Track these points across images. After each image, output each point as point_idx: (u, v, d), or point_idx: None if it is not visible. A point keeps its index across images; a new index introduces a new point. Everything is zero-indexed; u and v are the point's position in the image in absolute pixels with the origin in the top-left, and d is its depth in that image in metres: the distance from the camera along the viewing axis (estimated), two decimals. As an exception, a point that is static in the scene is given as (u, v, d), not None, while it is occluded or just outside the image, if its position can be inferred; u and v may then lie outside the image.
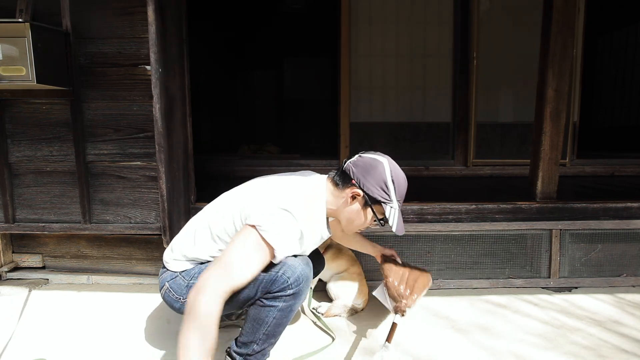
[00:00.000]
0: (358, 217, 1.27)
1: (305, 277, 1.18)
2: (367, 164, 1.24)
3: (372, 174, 1.22)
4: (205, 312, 0.98)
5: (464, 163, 3.47)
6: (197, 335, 0.97)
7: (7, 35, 1.67)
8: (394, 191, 1.23)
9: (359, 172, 1.23)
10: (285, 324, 1.22)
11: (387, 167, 1.23)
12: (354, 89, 3.46)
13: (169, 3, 1.86)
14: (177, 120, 1.96)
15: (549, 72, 2.03)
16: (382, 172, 1.22)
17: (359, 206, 1.25)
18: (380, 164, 1.24)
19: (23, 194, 2.02)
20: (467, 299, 1.95)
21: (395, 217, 1.23)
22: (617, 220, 2.07)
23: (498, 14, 3.40)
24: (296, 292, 1.17)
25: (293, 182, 1.27)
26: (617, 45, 5.18)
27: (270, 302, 1.17)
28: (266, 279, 1.15)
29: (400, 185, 1.25)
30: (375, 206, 1.24)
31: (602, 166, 3.56)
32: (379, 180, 1.22)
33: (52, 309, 1.84)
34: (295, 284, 1.16)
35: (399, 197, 1.25)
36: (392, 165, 1.25)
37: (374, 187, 1.22)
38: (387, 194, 1.22)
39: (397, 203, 1.24)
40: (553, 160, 2.10)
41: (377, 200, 1.23)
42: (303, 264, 1.20)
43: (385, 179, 1.22)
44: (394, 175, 1.23)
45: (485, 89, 3.43)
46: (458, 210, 2.07)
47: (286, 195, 1.18)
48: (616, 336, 1.59)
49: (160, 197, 1.85)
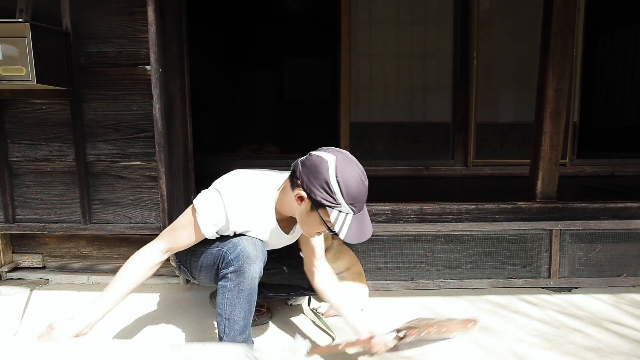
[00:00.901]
0: (308, 220, 1.17)
1: (245, 255, 1.22)
2: (312, 162, 1.12)
3: (315, 174, 1.10)
4: (144, 254, 1.26)
5: (464, 163, 3.47)
6: (131, 268, 1.25)
7: (7, 35, 1.67)
8: (339, 193, 1.08)
9: (304, 172, 1.13)
10: (241, 308, 1.24)
11: (331, 165, 1.09)
12: (354, 89, 3.46)
13: (169, 3, 1.86)
14: (177, 120, 1.96)
15: (549, 72, 2.03)
16: (324, 171, 1.09)
17: (307, 209, 1.15)
18: (324, 163, 1.10)
19: (23, 194, 2.02)
20: (467, 299, 1.95)
21: (343, 222, 1.10)
22: (617, 220, 2.07)
23: (498, 14, 3.41)
24: (237, 269, 1.22)
25: (253, 175, 1.32)
26: (617, 45, 5.18)
27: (221, 283, 1.27)
28: (216, 254, 1.29)
29: (349, 186, 1.08)
30: (321, 210, 1.12)
31: (602, 166, 3.56)
32: (321, 181, 1.09)
33: (52, 309, 1.84)
34: (235, 260, 1.22)
35: (350, 199, 1.09)
36: (341, 163, 1.10)
37: (316, 188, 1.10)
38: (331, 196, 1.08)
39: (348, 207, 1.09)
40: (553, 160, 2.10)
41: (322, 204, 1.10)
42: (247, 244, 1.24)
43: (327, 179, 1.08)
44: (340, 175, 1.08)
45: (485, 89, 3.43)
46: (458, 210, 2.07)
47: (230, 182, 1.27)
48: (616, 336, 1.59)
49: (160, 197, 1.86)
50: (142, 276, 1.27)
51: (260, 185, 1.29)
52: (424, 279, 2.07)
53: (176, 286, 2.09)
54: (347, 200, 1.09)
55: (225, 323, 1.27)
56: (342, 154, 1.14)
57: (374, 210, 2.04)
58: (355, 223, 1.11)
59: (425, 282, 2.07)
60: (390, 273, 2.06)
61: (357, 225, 1.12)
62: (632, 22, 4.88)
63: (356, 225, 1.11)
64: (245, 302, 1.25)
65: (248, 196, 1.26)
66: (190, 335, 1.61)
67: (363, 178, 1.12)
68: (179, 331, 1.64)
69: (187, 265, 1.43)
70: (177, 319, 1.72)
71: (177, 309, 1.81)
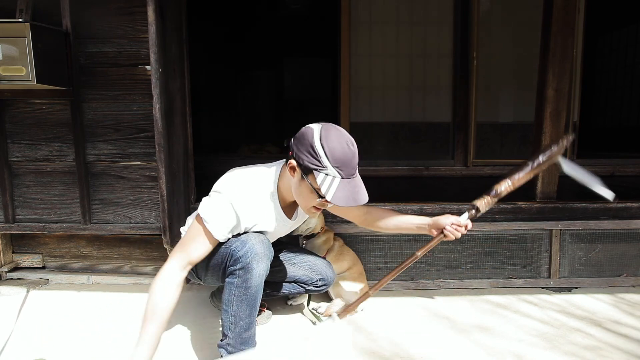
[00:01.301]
0: (300, 190, 1.20)
1: (253, 252, 1.24)
2: (300, 133, 1.18)
3: (302, 141, 1.15)
4: (164, 276, 1.19)
5: (464, 163, 3.46)
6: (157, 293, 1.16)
7: (7, 35, 1.68)
8: (324, 155, 1.11)
9: (294, 142, 1.18)
10: (247, 305, 1.26)
11: (316, 132, 1.14)
12: (354, 89, 3.46)
13: (169, 3, 1.86)
14: (177, 120, 1.96)
15: (549, 72, 2.03)
16: (309, 137, 1.14)
17: (299, 178, 1.19)
18: (309, 130, 1.15)
19: (23, 194, 2.02)
20: (467, 299, 1.95)
21: (330, 185, 1.11)
22: (617, 220, 2.07)
23: (498, 14, 3.40)
24: (245, 266, 1.24)
25: (250, 169, 1.33)
26: (617, 45, 5.18)
27: (229, 279, 1.28)
28: (224, 252, 1.29)
29: (333, 149, 1.11)
30: (310, 177, 1.15)
31: (603, 166, 3.55)
32: (307, 146, 1.13)
33: (52, 309, 1.84)
34: (244, 257, 1.23)
35: (335, 162, 1.11)
36: (326, 130, 1.14)
37: (303, 154, 1.14)
38: (316, 159, 1.12)
39: (334, 170, 1.11)
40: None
41: (309, 168, 1.13)
42: (255, 241, 1.26)
43: (312, 142, 1.12)
44: (324, 139, 1.12)
45: (485, 89, 3.43)
46: (458, 210, 2.06)
47: (230, 181, 1.27)
48: (616, 336, 1.59)
49: (160, 197, 1.85)
50: (171, 298, 1.18)
51: (259, 176, 1.31)
52: (424, 279, 2.07)
53: (176, 286, 2.08)
54: (333, 163, 1.11)
55: (231, 319, 1.28)
56: (329, 124, 1.17)
57: (374, 210, 2.03)
58: (345, 187, 1.13)
59: (425, 282, 2.07)
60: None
61: (348, 190, 1.13)
62: (632, 22, 4.88)
63: (346, 189, 1.13)
64: (252, 299, 1.27)
65: (250, 189, 1.28)
66: (191, 335, 1.61)
67: (349, 142, 1.14)
68: (179, 331, 1.64)
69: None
70: (178, 319, 1.72)
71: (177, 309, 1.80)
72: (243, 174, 1.32)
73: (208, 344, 1.53)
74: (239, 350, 1.30)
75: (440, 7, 3.40)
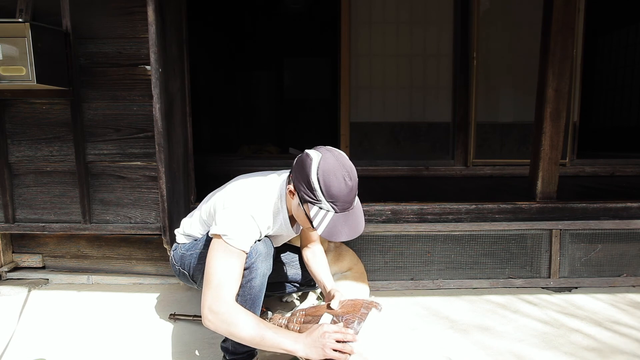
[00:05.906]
0: (297, 213, 1.23)
1: (258, 252, 1.24)
2: (300, 160, 1.18)
3: (300, 171, 1.15)
4: (229, 321, 1.09)
5: (464, 163, 3.47)
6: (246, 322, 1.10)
7: (7, 35, 1.68)
8: (319, 190, 1.11)
9: (295, 168, 1.19)
10: (250, 305, 1.25)
11: (314, 164, 1.12)
12: (354, 89, 3.46)
13: (169, 3, 1.86)
14: (177, 120, 1.96)
15: (549, 72, 2.03)
16: (307, 169, 1.13)
17: (297, 202, 1.21)
18: (309, 161, 1.14)
19: (23, 194, 2.02)
20: (467, 299, 1.95)
21: (322, 219, 1.13)
22: (617, 220, 2.07)
23: (498, 14, 3.41)
24: (250, 266, 1.23)
25: (258, 182, 1.32)
26: (617, 45, 5.18)
27: None
28: None
29: (329, 185, 1.10)
30: (305, 205, 1.17)
31: (602, 166, 3.56)
32: (304, 178, 1.14)
33: (52, 309, 1.84)
34: (249, 257, 1.22)
35: (330, 197, 1.11)
36: (325, 162, 1.12)
37: (300, 184, 1.15)
38: (312, 193, 1.12)
39: (328, 204, 1.12)
40: (553, 160, 2.10)
41: (305, 199, 1.15)
42: (259, 241, 1.27)
43: (309, 176, 1.12)
44: (321, 173, 1.11)
45: (485, 89, 3.44)
46: (458, 210, 2.07)
47: (244, 194, 1.26)
48: (616, 336, 1.59)
49: (160, 197, 1.85)
50: (253, 316, 1.14)
51: (271, 188, 1.30)
52: (424, 279, 2.07)
53: (176, 286, 2.09)
54: (327, 199, 1.11)
55: None
56: (330, 153, 1.15)
57: (373, 210, 2.04)
58: (337, 221, 1.13)
59: (425, 282, 2.07)
60: (390, 273, 2.06)
61: (339, 224, 1.13)
62: (632, 22, 4.88)
63: (337, 223, 1.13)
64: (255, 298, 1.27)
65: (266, 202, 1.27)
66: (192, 335, 1.61)
67: (346, 176, 1.12)
68: (180, 331, 1.64)
69: (189, 269, 1.44)
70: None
71: (178, 309, 1.81)
72: (255, 186, 1.30)
73: (210, 344, 1.54)
74: (241, 350, 1.30)
75: (440, 7, 3.41)
